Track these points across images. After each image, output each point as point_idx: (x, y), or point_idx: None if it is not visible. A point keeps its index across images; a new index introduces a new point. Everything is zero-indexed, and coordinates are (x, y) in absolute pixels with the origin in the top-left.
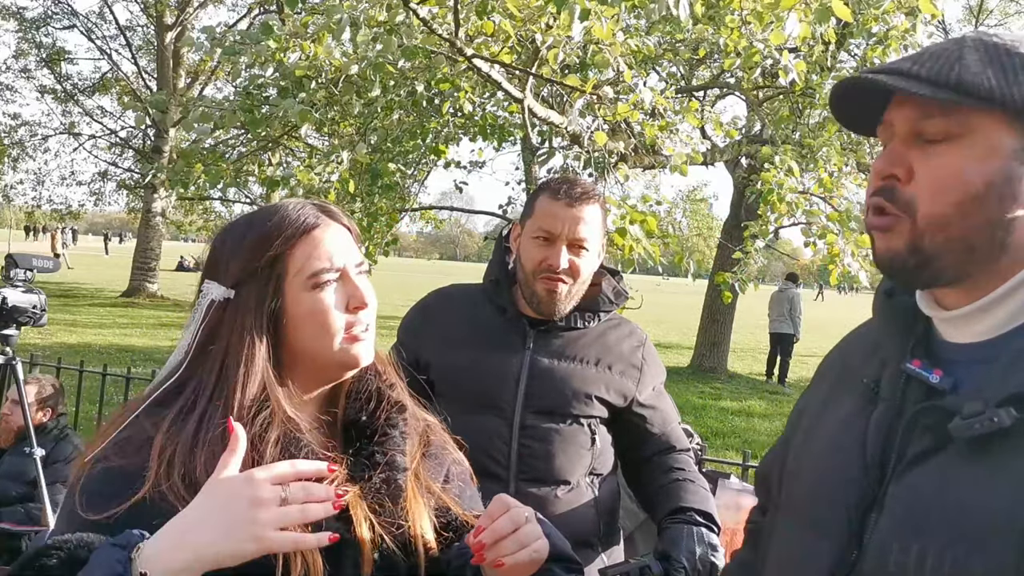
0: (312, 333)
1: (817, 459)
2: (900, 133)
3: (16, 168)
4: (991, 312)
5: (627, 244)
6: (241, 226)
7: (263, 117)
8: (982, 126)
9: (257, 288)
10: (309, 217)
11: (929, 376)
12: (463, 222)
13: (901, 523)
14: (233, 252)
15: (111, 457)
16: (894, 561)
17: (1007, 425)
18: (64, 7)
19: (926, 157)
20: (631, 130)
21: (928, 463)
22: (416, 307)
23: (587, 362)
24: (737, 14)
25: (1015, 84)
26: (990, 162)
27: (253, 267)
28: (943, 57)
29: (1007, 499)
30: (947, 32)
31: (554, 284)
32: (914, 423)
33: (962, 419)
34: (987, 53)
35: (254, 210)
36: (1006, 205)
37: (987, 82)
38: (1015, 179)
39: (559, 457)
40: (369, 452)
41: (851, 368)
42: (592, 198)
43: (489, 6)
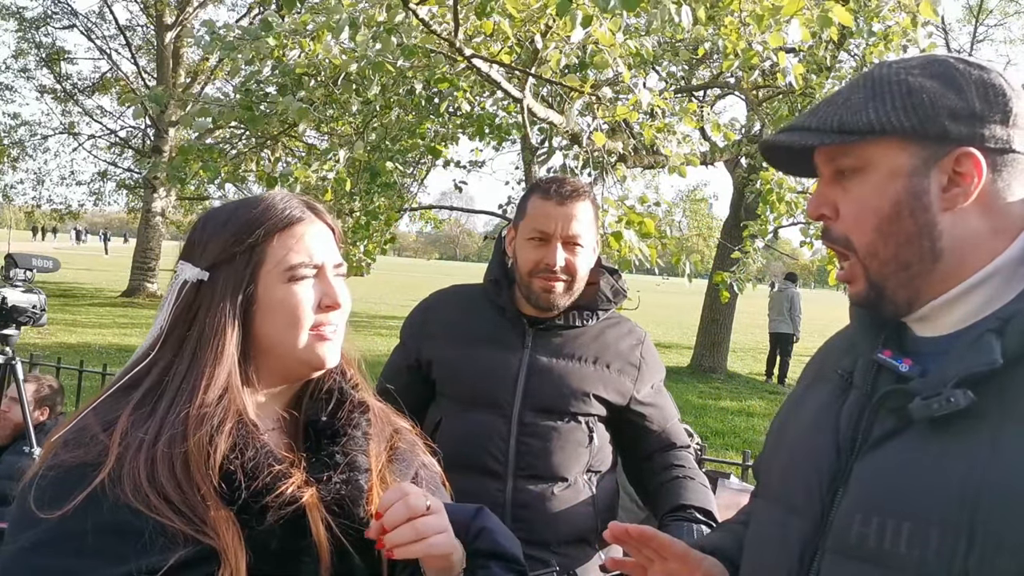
0: (281, 325)
1: (792, 444)
2: (824, 176)
3: (16, 168)
4: (955, 307)
5: (623, 247)
6: (225, 211)
7: (262, 115)
8: (876, 155)
9: (233, 273)
10: (295, 210)
11: (899, 364)
12: (463, 222)
13: (863, 498)
14: (213, 234)
15: (61, 453)
16: (855, 533)
17: (962, 405)
18: (64, 7)
19: (844, 192)
20: (630, 130)
21: (891, 443)
22: (418, 307)
23: (585, 360)
24: (736, 16)
25: (892, 112)
26: (893, 184)
27: (231, 252)
28: (833, 104)
29: (960, 476)
30: (947, 32)
31: (552, 283)
32: (879, 406)
33: (922, 400)
34: (872, 88)
35: (240, 199)
36: (919, 217)
37: (866, 116)
38: (921, 192)
39: (557, 454)
40: (329, 452)
41: (828, 364)
42: (583, 195)
43: (488, 7)
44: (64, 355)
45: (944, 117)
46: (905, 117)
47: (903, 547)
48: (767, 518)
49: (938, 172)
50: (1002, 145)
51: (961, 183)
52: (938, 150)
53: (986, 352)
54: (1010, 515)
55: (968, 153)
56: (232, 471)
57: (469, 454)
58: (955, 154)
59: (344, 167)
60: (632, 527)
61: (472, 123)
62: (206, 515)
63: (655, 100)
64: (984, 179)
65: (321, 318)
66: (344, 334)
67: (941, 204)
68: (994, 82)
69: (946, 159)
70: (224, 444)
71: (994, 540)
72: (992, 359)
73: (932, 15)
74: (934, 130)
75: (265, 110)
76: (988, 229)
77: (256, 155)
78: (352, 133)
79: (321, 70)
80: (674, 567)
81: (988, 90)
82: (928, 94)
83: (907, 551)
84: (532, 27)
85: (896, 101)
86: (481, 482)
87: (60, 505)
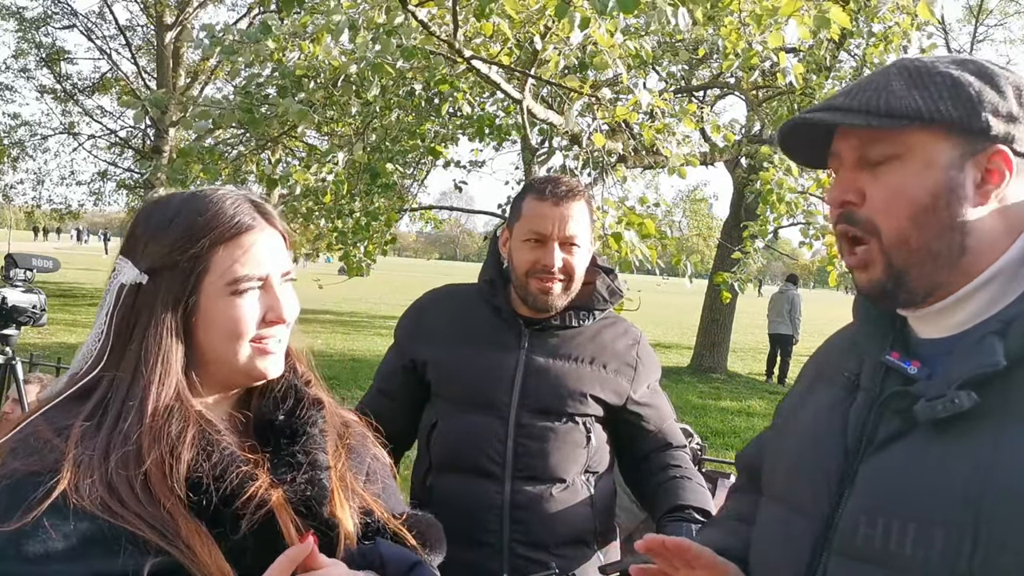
0: (222, 338)
1: (797, 445)
2: (848, 161)
3: (16, 168)
4: (959, 308)
5: (623, 248)
6: (171, 207)
7: (262, 116)
8: (918, 143)
9: (175, 281)
10: (244, 217)
11: (907, 367)
12: (463, 222)
13: (869, 500)
14: (155, 235)
15: (11, 461)
16: (862, 535)
17: (966, 407)
18: (64, 7)
19: (875, 179)
20: (630, 131)
21: (896, 444)
22: (411, 308)
23: (582, 361)
24: (736, 16)
25: (939, 100)
26: (931, 174)
27: (173, 259)
28: (872, 87)
29: (964, 477)
30: (947, 32)
31: (549, 284)
32: (885, 407)
33: (926, 402)
34: (911, 77)
35: (188, 193)
36: (954, 210)
37: (914, 103)
38: (958, 185)
39: (554, 455)
40: (290, 452)
41: (829, 365)
42: (577, 195)
43: (487, 8)
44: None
45: (988, 112)
46: (953, 107)
47: (908, 548)
48: (772, 518)
49: (973, 167)
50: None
51: (991, 180)
52: (977, 145)
53: (989, 354)
54: (1013, 515)
55: (1002, 151)
56: (199, 478)
57: (466, 456)
58: (991, 151)
59: (344, 168)
60: (669, 539)
61: (472, 124)
62: (177, 529)
63: (655, 101)
64: (1009, 179)
65: (264, 332)
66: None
67: (975, 200)
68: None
69: (982, 155)
70: (188, 453)
71: (998, 540)
72: (995, 360)
73: (929, 16)
74: (978, 124)
75: (265, 112)
76: (1002, 228)
77: (256, 157)
78: (352, 134)
79: (321, 72)
80: (701, 575)
81: (1023, 93)
82: (974, 88)
83: (912, 552)
84: (531, 28)
85: (944, 91)
86: (478, 484)
87: (13, 515)
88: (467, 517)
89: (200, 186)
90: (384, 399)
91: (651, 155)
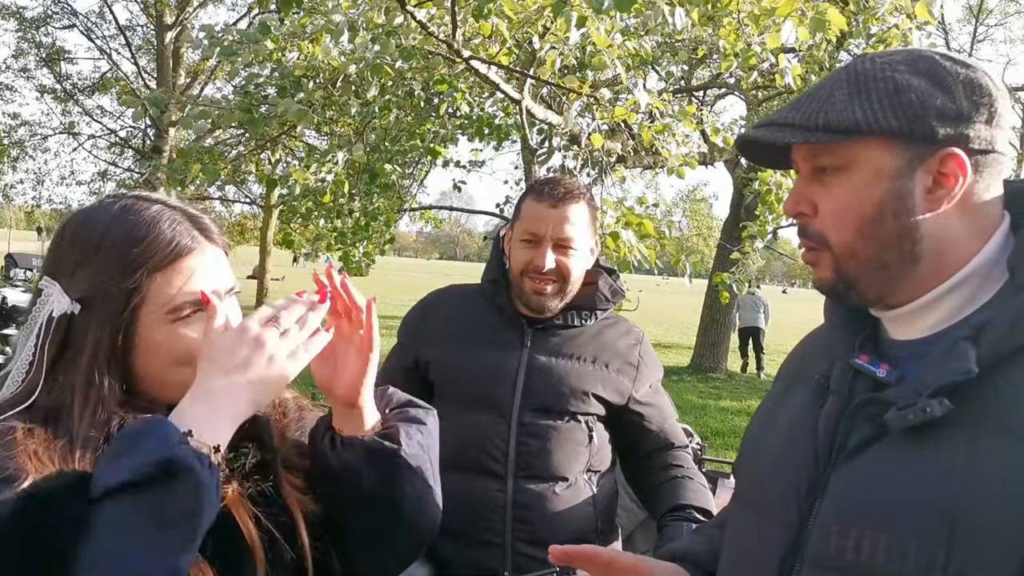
0: (163, 365)
1: (770, 451)
2: (803, 172)
3: (16, 168)
4: (931, 310)
5: (622, 248)
6: (98, 227)
7: (261, 117)
8: (862, 154)
9: (108, 312)
10: (183, 239)
11: (876, 370)
12: (463, 222)
13: (840, 509)
14: (84, 258)
15: None
16: (834, 545)
17: (938, 415)
18: (64, 7)
19: (825, 190)
20: (629, 131)
21: (867, 452)
22: (415, 308)
23: (584, 360)
24: (735, 16)
25: (879, 111)
26: (878, 185)
27: (106, 289)
28: (815, 99)
29: (937, 489)
30: (947, 32)
31: (542, 285)
32: (856, 414)
33: (897, 410)
34: (855, 84)
35: (117, 208)
36: (903, 220)
37: (852, 115)
38: (905, 194)
39: (557, 454)
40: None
41: (804, 367)
42: (576, 197)
43: (486, 9)
44: None
45: (932, 118)
46: (893, 117)
47: (881, 560)
48: (744, 525)
49: (923, 173)
50: (985, 146)
51: (945, 184)
52: (924, 151)
53: (961, 361)
54: (987, 529)
55: (954, 154)
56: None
57: (469, 455)
58: (940, 155)
59: (343, 169)
60: (572, 548)
61: (471, 124)
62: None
63: (654, 101)
64: (967, 180)
65: None
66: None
67: (925, 206)
68: (980, 81)
69: (931, 160)
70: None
71: (972, 553)
72: (967, 368)
73: (928, 16)
74: (921, 131)
75: (265, 112)
76: (967, 230)
77: (256, 157)
78: (351, 134)
79: (320, 72)
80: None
81: (975, 90)
82: (916, 93)
83: (885, 564)
84: (530, 28)
85: (884, 99)
86: (481, 482)
87: None
88: (470, 515)
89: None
90: None
91: (650, 155)
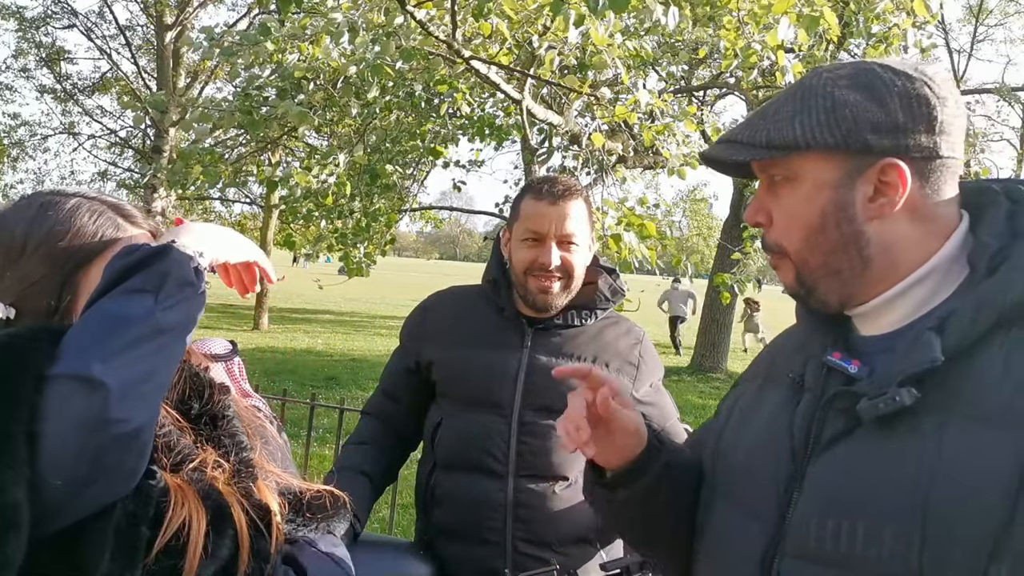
0: None
1: (750, 448)
2: (762, 183)
3: (16, 168)
4: (894, 307)
5: (623, 249)
6: (18, 230)
7: (261, 118)
8: (804, 167)
9: (43, 311)
10: (107, 229)
11: (847, 366)
12: (463, 222)
13: (818, 500)
14: (11, 261)
15: None
16: (813, 536)
17: (907, 403)
18: (64, 7)
19: (777, 201)
20: (630, 131)
21: (841, 444)
22: (416, 309)
23: (584, 359)
24: (735, 15)
25: (816, 127)
26: (819, 196)
27: (38, 288)
28: (764, 116)
29: (910, 475)
30: (947, 32)
31: (548, 283)
32: (828, 408)
33: (868, 400)
34: (800, 101)
35: (35, 208)
36: (846, 228)
37: (791, 132)
38: (846, 204)
39: (557, 453)
40: (215, 437)
41: (779, 365)
42: (575, 194)
43: (485, 8)
44: None
45: (867, 132)
46: (829, 133)
47: (859, 548)
48: (725, 520)
49: (863, 183)
50: (927, 153)
51: (887, 193)
52: (862, 162)
53: (927, 350)
54: (959, 510)
55: (892, 164)
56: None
57: (469, 454)
58: (879, 165)
59: (344, 170)
60: (574, 369)
61: (472, 125)
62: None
63: (654, 101)
64: (910, 188)
65: None
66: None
67: (867, 214)
68: (919, 92)
69: (871, 171)
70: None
71: (946, 536)
72: (933, 356)
73: (925, 13)
74: (857, 144)
75: (265, 114)
76: (919, 233)
77: (256, 158)
78: (352, 134)
79: (320, 73)
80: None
81: (912, 101)
82: (851, 108)
83: (863, 551)
84: (530, 28)
85: (821, 116)
86: (481, 482)
87: None
88: (470, 515)
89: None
90: (390, 401)
91: (651, 155)
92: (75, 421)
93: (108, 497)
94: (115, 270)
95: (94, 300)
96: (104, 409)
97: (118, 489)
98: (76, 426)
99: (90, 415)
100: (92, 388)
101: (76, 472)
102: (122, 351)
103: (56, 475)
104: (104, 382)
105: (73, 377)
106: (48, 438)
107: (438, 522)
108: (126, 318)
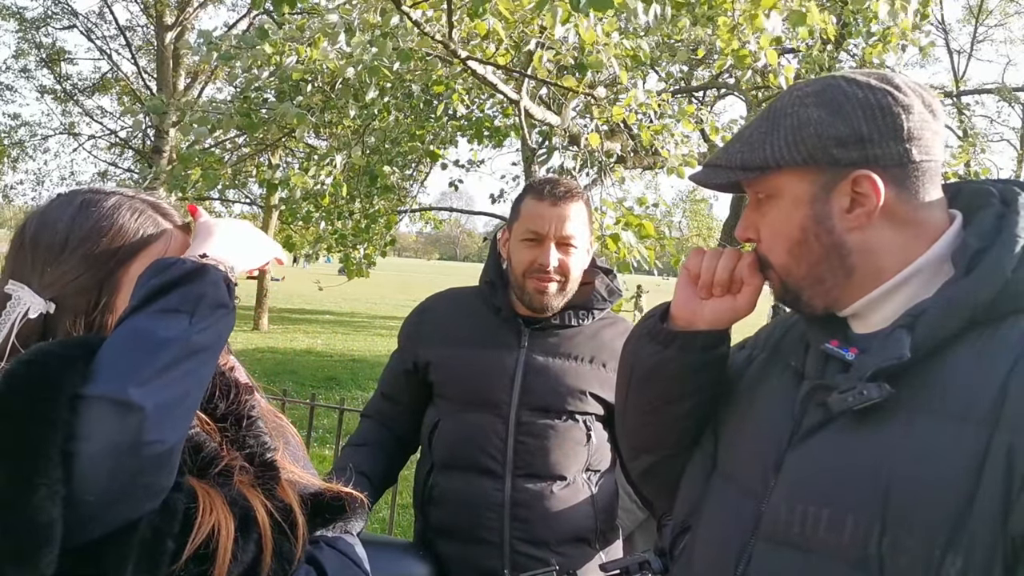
0: None
1: (752, 432)
2: (750, 200)
3: (16, 168)
4: (879, 307)
5: (621, 249)
6: (61, 226)
7: (260, 120)
8: (780, 185)
9: (83, 306)
10: (148, 227)
11: (845, 354)
12: (463, 222)
13: (790, 487)
14: (51, 259)
15: None
16: (783, 521)
17: (876, 398)
18: (64, 7)
19: (762, 217)
20: (629, 131)
21: (817, 434)
22: (414, 311)
23: (581, 359)
24: (730, 15)
25: (784, 147)
26: (798, 211)
27: (79, 285)
28: (740, 139)
29: (873, 465)
30: (947, 32)
31: (545, 284)
32: (808, 399)
33: (838, 393)
34: (770, 122)
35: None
36: (826, 239)
37: (761, 153)
38: (824, 217)
39: (555, 453)
40: (240, 438)
41: (782, 352)
42: (576, 196)
43: (480, 8)
44: None
45: (832, 146)
46: (796, 151)
47: (821, 533)
48: (722, 497)
49: (838, 196)
50: (898, 160)
51: (863, 203)
52: (834, 176)
53: (895, 347)
54: (917, 500)
55: (864, 175)
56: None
57: (467, 454)
58: (851, 177)
59: (342, 172)
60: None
61: (471, 126)
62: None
63: (651, 100)
64: (885, 196)
65: None
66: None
67: (846, 225)
68: (880, 103)
69: (843, 183)
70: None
71: (905, 524)
72: (901, 353)
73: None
74: (824, 159)
75: (264, 116)
76: (903, 237)
77: (255, 160)
78: (350, 137)
79: (318, 75)
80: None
81: (875, 112)
82: (815, 126)
83: (824, 537)
84: (526, 28)
85: (788, 135)
86: (479, 481)
87: None
88: (468, 514)
89: (200, 189)
90: (389, 403)
91: (650, 155)
92: (111, 443)
93: (137, 512)
94: (152, 288)
95: (127, 315)
96: (140, 432)
97: (147, 505)
98: (111, 447)
99: (126, 438)
100: (128, 411)
101: (109, 489)
102: (157, 374)
103: (89, 492)
104: (141, 406)
105: (109, 399)
106: (83, 458)
107: (436, 522)
108: (162, 340)
